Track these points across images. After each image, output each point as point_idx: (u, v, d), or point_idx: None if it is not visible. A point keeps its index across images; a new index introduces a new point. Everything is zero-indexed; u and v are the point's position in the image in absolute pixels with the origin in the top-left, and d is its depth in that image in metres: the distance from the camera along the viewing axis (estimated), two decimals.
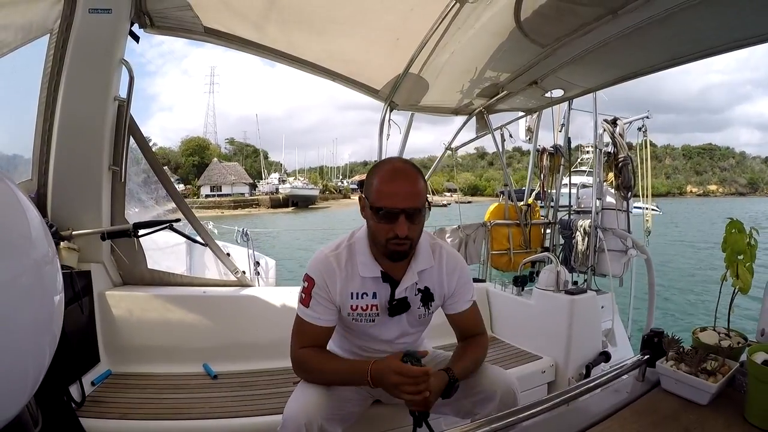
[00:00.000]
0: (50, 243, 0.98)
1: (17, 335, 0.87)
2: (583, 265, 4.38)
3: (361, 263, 1.63)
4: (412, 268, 1.65)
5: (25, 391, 0.93)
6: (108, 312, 2.51)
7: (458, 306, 1.76)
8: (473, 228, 4.59)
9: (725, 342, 1.52)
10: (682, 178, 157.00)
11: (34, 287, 0.91)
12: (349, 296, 1.64)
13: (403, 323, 1.73)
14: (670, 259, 16.13)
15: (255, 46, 2.98)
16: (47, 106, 2.45)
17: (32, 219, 0.94)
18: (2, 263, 0.82)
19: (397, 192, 1.48)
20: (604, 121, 4.50)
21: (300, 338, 1.66)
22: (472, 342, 1.78)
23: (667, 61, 2.74)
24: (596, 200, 4.38)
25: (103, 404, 2.04)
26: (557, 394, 1.32)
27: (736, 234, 1.51)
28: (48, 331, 0.97)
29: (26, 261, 0.90)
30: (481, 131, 4.34)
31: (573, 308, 2.73)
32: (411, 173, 1.55)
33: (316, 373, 1.63)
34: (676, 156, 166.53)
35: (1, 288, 0.81)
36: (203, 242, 3.06)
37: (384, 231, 1.50)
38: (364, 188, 1.59)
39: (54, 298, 0.97)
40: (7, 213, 0.90)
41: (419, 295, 1.69)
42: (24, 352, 0.90)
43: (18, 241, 0.90)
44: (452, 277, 1.73)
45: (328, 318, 1.64)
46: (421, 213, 1.52)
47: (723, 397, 1.35)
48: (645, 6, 2.18)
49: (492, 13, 2.52)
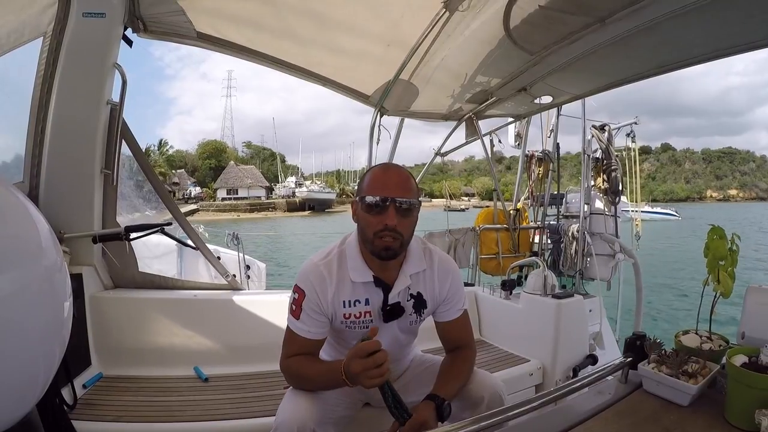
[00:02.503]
0: (58, 250, 1.01)
1: (30, 340, 0.90)
2: (571, 269, 4.42)
3: (352, 268, 1.60)
4: (404, 270, 1.63)
5: (35, 394, 0.96)
6: (99, 315, 2.51)
7: (449, 314, 1.74)
8: (462, 233, 4.63)
9: (706, 345, 1.56)
10: (702, 182, 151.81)
11: (46, 294, 0.95)
12: (341, 305, 1.60)
13: (394, 330, 1.70)
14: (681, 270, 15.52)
15: (247, 51, 2.99)
16: (40, 109, 2.44)
17: (41, 228, 0.98)
18: (16, 271, 0.85)
19: (388, 182, 1.51)
20: (593, 127, 4.56)
21: (289, 348, 1.64)
22: (459, 357, 1.74)
23: (654, 68, 2.79)
24: (584, 205, 4.43)
25: (94, 407, 2.05)
26: (542, 395, 1.35)
27: (717, 240, 1.55)
28: (58, 336, 0.99)
29: (38, 269, 0.93)
30: (471, 137, 4.38)
31: (560, 312, 2.76)
32: (402, 170, 1.59)
33: (302, 379, 1.60)
34: (695, 160, 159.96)
35: (16, 295, 0.84)
36: (194, 246, 3.07)
37: (373, 223, 1.49)
38: (357, 191, 1.61)
39: (64, 304, 1.00)
40: (19, 222, 0.93)
41: (411, 301, 1.66)
42: (36, 357, 0.93)
43: (30, 249, 0.93)
44: (445, 282, 1.71)
45: (318, 331, 1.61)
46: (412, 209, 1.53)
47: (704, 398, 1.39)
48: (632, 15, 2.23)
49: (481, 21, 2.56)
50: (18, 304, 0.86)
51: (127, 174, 3.08)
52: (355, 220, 1.60)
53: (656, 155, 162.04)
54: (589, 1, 2.27)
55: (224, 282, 3.05)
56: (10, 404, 0.90)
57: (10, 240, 0.94)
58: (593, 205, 4.51)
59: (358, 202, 1.56)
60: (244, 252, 4.44)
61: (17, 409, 0.92)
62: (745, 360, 1.30)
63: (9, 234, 0.94)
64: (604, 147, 4.49)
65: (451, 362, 1.73)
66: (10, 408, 0.90)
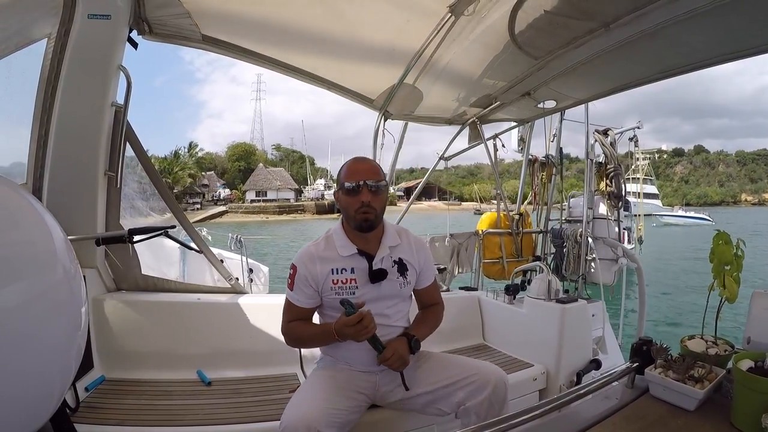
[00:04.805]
0: (73, 255, 0.99)
1: (48, 352, 0.89)
2: (574, 273, 4.41)
3: (339, 246, 1.95)
4: (384, 243, 1.99)
5: (50, 408, 0.94)
6: (102, 317, 2.52)
7: (425, 281, 2.14)
8: (465, 237, 4.62)
9: (712, 350, 1.55)
10: (737, 185, 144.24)
11: (63, 302, 0.93)
12: (330, 272, 1.92)
13: (384, 289, 1.97)
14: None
15: (252, 54, 3.00)
16: (44, 111, 2.45)
17: (55, 233, 0.96)
18: (32, 280, 0.84)
19: (360, 170, 1.91)
20: (596, 131, 4.55)
21: (288, 315, 2.02)
22: (431, 310, 2.19)
23: (658, 73, 2.80)
24: (587, 209, 4.41)
25: (97, 410, 2.04)
26: (548, 401, 1.35)
27: (723, 245, 1.55)
28: (75, 345, 0.98)
29: (55, 275, 0.92)
30: (474, 141, 4.38)
31: (564, 316, 2.75)
32: (371, 160, 2.06)
33: (300, 339, 2.08)
34: (729, 162, 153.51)
35: (33, 304, 0.83)
36: (198, 249, 3.07)
37: (353, 203, 1.87)
38: (336, 182, 2.01)
39: (81, 310, 0.98)
40: (32, 228, 0.92)
41: (395, 266, 2.00)
42: (53, 369, 0.92)
43: (46, 255, 0.92)
44: (421, 253, 2.10)
45: (308, 301, 1.96)
46: (381, 189, 1.90)
47: (710, 403, 1.39)
48: (636, 20, 2.23)
49: (486, 26, 2.56)
50: (35, 315, 0.82)
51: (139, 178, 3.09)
52: (338, 205, 1.98)
53: (689, 158, 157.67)
54: (593, 7, 2.27)
55: (227, 285, 3.05)
56: (25, 419, 0.88)
57: (25, 246, 0.90)
58: (597, 210, 4.50)
59: (338, 190, 1.96)
60: (247, 255, 4.44)
61: (33, 422, 0.89)
62: (752, 365, 1.30)
63: (24, 240, 0.91)
64: (607, 151, 4.48)
65: (423, 314, 2.19)
66: (26, 423, 0.88)
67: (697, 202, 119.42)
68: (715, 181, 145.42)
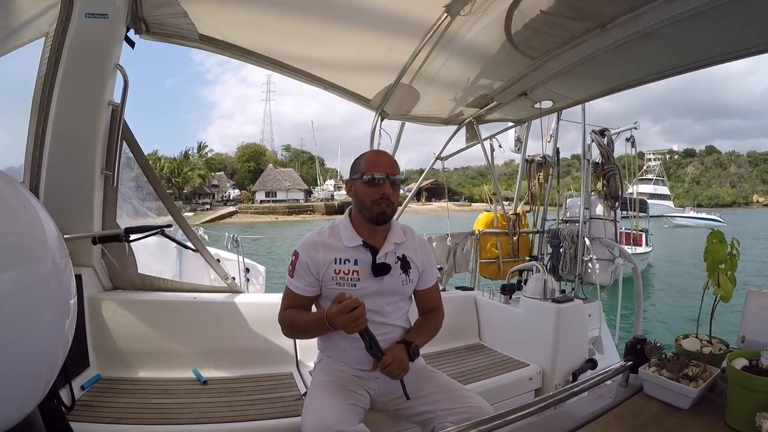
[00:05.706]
0: (64, 250, 1.01)
1: (35, 338, 0.90)
2: (570, 273, 4.42)
3: (345, 237, 1.93)
4: (389, 239, 1.97)
5: (37, 393, 0.96)
6: (98, 316, 2.51)
7: (426, 282, 2.10)
8: (462, 237, 4.62)
9: (707, 349, 1.56)
10: (748, 186, 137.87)
11: (52, 292, 0.95)
12: (333, 261, 1.89)
13: (385, 285, 1.93)
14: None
15: (249, 54, 3.00)
16: (41, 109, 2.44)
17: (48, 227, 0.98)
18: (22, 269, 0.86)
19: (382, 162, 1.90)
20: (593, 131, 4.56)
21: (285, 302, 1.98)
22: (430, 317, 2.13)
23: (654, 74, 2.81)
24: (584, 210, 4.43)
25: (93, 409, 2.03)
26: (542, 398, 1.36)
27: (717, 244, 1.56)
28: (62, 335, 0.99)
29: (45, 267, 0.94)
30: (471, 141, 4.39)
31: (559, 316, 2.76)
32: (389, 154, 2.05)
33: (294, 327, 2.00)
34: (741, 163, 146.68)
35: (22, 292, 0.84)
36: (194, 248, 3.06)
37: (371, 194, 1.85)
38: (351, 172, 1.98)
39: (69, 302, 1.00)
40: (26, 221, 0.94)
41: (399, 262, 1.97)
42: (40, 355, 0.93)
43: (37, 247, 0.94)
44: (424, 253, 2.08)
45: (307, 288, 1.92)
46: (398, 185, 1.91)
47: (704, 401, 1.39)
48: (632, 21, 2.24)
49: (483, 26, 2.57)
50: (24, 302, 0.86)
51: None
52: (352, 195, 1.97)
53: (701, 158, 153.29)
54: (590, 7, 2.28)
55: (224, 285, 3.04)
56: (12, 403, 0.90)
57: (17, 237, 0.95)
58: (594, 210, 4.52)
59: (355, 180, 1.93)
60: (244, 255, 4.44)
61: (19, 408, 0.91)
62: (746, 363, 1.31)
63: (16, 231, 0.96)
64: (604, 152, 4.50)
65: (423, 320, 2.13)
66: (12, 407, 0.90)
67: (709, 203, 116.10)
68: (726, 182, 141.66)
